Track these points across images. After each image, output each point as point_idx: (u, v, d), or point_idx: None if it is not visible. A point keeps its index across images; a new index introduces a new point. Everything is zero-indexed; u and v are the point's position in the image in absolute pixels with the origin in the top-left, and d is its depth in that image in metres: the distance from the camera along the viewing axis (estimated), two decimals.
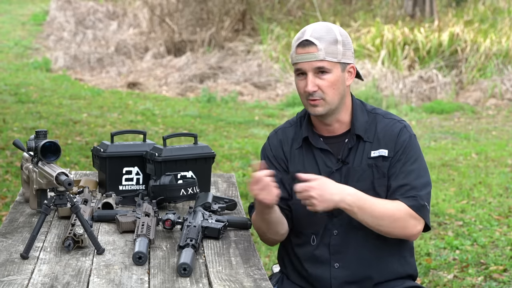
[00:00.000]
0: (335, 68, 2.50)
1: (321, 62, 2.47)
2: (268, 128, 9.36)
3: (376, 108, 2.64)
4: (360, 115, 2.58)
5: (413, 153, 2.55)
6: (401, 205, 2.49)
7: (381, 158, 2.54)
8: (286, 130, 2.69)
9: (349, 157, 2.56)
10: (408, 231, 2.51)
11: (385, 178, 2.54)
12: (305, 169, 2.58)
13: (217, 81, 12.45)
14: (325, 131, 2.61)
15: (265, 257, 4.90)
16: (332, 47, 2.48)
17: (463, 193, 6.53)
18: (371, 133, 2.57)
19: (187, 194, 2.85)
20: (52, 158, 2.42)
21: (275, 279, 2.75)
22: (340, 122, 2.59)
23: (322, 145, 2.59)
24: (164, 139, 3.04)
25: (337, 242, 2.57)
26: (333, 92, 2.50)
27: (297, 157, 2.62)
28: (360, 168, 2.54)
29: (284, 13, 15.10)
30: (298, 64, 2.51)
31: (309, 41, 2.47)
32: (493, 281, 4.54)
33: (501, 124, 10.20)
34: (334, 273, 2.58)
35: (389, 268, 2.61)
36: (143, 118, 9.61)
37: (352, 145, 2.56)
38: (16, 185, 6.21)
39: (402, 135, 2.56)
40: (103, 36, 15.83)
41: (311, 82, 2.48)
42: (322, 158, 2.58)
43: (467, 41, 12.25)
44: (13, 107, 9.59)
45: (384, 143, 2.55)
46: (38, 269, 2.21)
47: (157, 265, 2.28)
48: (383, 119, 2.59)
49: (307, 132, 2.61)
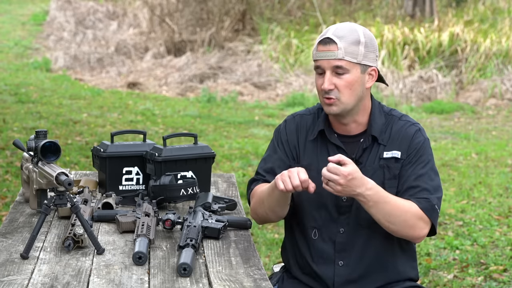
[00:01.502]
0: (354, 68, 2.48)
1: (339, 61, 2.47)
2: (268, 128, 9.36)
3: (393, 110, 2.65)
4: (378, 118, 2.58)
5: (426, 156, 2.55)
6: (413, 205, 2.49)
7: (393, 160, 2.54)
8: (304, 117, 2.67)
9: (363, 157, 2.56)
10: (416, 232, 2.51)
11: (395, 179, 2.54)
12: (318, 162, 2.58)
13: (217, 81, 12.45)
14: (341, 130, 2.60)
15: (265, 257, 4.90)
16: (352, 47, 2.47)
17: (463, 193, 6.53)
18: (386, 136, 2.57)
19: (187, 194, 2.85)
20: (52, 158, 2.41)
21: (275, 279, 2.75)
22: (357, 123, 2.58)
23: (337, 141, 2.58)
24: (164, 139, 3.04)
25: (343, 240, 2.58)
26: (349, 93, 2.49)
27: (310, 149, 2.61)
28: (371, 168, 2.55)
29: (284, 13, 15.10)
30: (318, 61, 2.50)
31: (330, 39, 2.47)
32: (493, 281, 4.54)
33: (501, 124, 10.20)
34: (337, 271, 2.59)
35: (392, 270, 2.62)
36: (143, 118, 9.61)
37: (367, 146, 2.56)
38: (16, 185, 6.21)
39: (416, 137, 2.56)
40: (103, 36, 15.83)
41: (328, 80, 2.48)
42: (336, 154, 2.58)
43: (467, 41, 12.26)
44: (13, 107, 9.59)
45: (397, 145, 2.55)
46: (38, 269, 2.21)
47: (157, 265, 2.28)
48: (398, 121, 2.59)
49: (324, 125, 2.61)
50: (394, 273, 2.62)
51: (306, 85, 11.84)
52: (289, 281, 2.72)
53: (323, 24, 13.60)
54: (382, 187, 2.51)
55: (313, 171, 2.54)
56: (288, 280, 2.72)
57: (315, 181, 2.50)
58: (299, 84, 12.00)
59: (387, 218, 2.47)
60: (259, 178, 2.67)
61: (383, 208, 2.45)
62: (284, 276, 2.75)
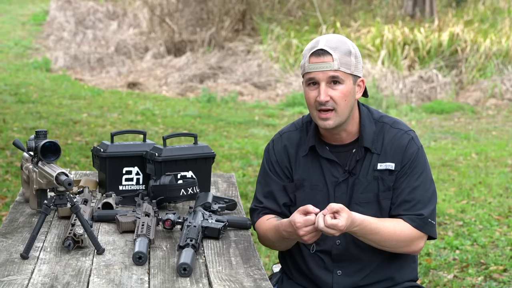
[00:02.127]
0: (348, 79, 2.47)
1: (335, 72, 2.44)
2: (268, 128, 9.36)
3: (383, 116, 2.61)
4: (368, 126, 2.56)
5: (420, 167, 2.54)
6: (405, 226, 2.50)
7: (387, 172, 2.53)
8: (291, 134, 2.65)
9: (356, 168, 2.55)
10: (411, 249, 2.54)
11: (390, 191, 2.54)
12: (310, 178, 2.57)
13: (217, 81, 12.45)
14: (332, 140, 2.58)
15: (265, 257, 4.90)
16: (346, 58, 2.45)
17: (463, 193, 6.53)
18: (378, 144, 2.55)
19: (187, 194, 2.85)
20: (52, 158, 2.41)
21: (275, 279, 2.75)
22: (347, 132, 2.56)
23: (329, 155, 2.56)
24: (164, 139, 3.04)
25: (339, 252, 2.58)
26: (344, 104, 2.47)
27: (302, 165, 2.60)
28: (365, 180, 2.54)
29: (284, 13, 15.09)
30: (311, 74, 2.46)
31: (325, 51, 2.44)
32: (493, 281, 4.54)
33: (501, 124, 10.20)
34: (336, 279, 2.59)
35: (391, 276, 2.62)
36: (143, 118, 9.61)
37: (360, 157, 2.55)
38: (16, 185, 6.21)
39: (410, 148, 2.54)
40: (103, 36, 15.83)
41: (324, 92, 2.44)
42: (328, 168, 2.57)
43: (467, 41, 12.26)
44: (13, 107, 9.59)
45: (391, 156, 2.54)
46: (38, 269, 2.21)
47: (157, 265, 2.28)
48: (390, 128, 2.57)
49: (314, 141, 2.58)
50: (394, 279, 2.63)
51: None
52: (289, 281, 2.72)
53: (323, 24, 13.60)
54: (376, 199, 2.53)
55: (306, 187, 2.57)
56: (288, 281, 2.72)
57: (309, 196, 2.54)
58: (299, 84, 12.00)
59: (380, 244, 2.50)
60: (258, 208, 2.66)
61: (373, 238, 2.47)
62: (283, 277, 2.75)
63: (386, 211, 2.55)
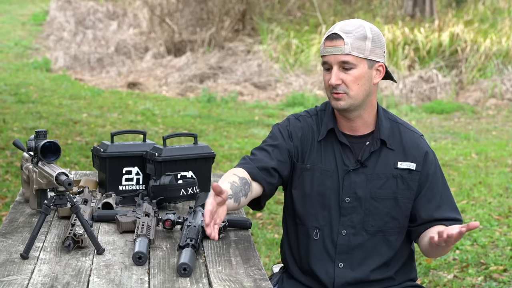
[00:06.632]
0: (361, 63, 2.48)
1: (346, 56, 2.46)
2: (268, 128, 9.36)
3: (396, 117, 2.66)
4: (384, 121, 2.59)
5: (441, 181, 2.61)
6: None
7: (407, 171, 2.56)
8: (306, 119, 2.66)
9: (369, 160, 2.56)
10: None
11: (409, 191, 2.56)
12: (322, 164, 2.58)
13: (217, 81, 12.45)
14: (348, 129, 2.59)
15: (265, 257, 4.90)
16: (359, 42, 2.46)
17: (463, 193, 6.53)
18: (395, 141, 2.57)
19: (187, 194, 2.85)
20: (52, 158, 2.41)
21: (275, 279, 2.75)
22: (364, 121, 2.57)
23: (345, 140, 2.58)
24: (164, 139, 3.04)
25: (344, 242, 2.57)
26: (357, 88, 2.49)
27: (315, 150, 2.60)
28: (384, 176, 2.55)
29: (284, 13, 15.10)
30: (325, 57, 2.51)
31: (337, 35, 2.47)
32: (493, 281, 4.54)
33: (501, 124, 10.20)
34: (338, 272, 2.58)
35: (392, 272, 2.63)
36: (143, 118, 9.61)
37: (374, 149, 2.56)
38: (16, 185, 6.21)
39: (429, 154, 2.59)
40: (103, 36, 15.83)
41: (335, 75, 2.47)
42: (341, 156, 2.57)
43: (467, 41, 12.26)
44: (13, 107, 9.59)
45: (412, 157, 2.56)
46: (38, 269, 2.21)
47: (157, 265, 2.28)
48: (405, 129, 2.61)
49: (333, 123, 2.60)
50: (394, 277, 2.63)
51: (306, 85, 11.84)
52: (289, 281, 2.71)
53: (323, 24, 13.60)
54: (394, 197, 2.55)
55: (317, 171, 2.57)
56: (288, 281, 2.72)
57: (318, 180, 2.53)
58: (299, 84, 12.00)
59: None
60: (246, 159, 2.60)
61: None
62: (283, 277, 2.75)
63: (403, 210, 2.56)
